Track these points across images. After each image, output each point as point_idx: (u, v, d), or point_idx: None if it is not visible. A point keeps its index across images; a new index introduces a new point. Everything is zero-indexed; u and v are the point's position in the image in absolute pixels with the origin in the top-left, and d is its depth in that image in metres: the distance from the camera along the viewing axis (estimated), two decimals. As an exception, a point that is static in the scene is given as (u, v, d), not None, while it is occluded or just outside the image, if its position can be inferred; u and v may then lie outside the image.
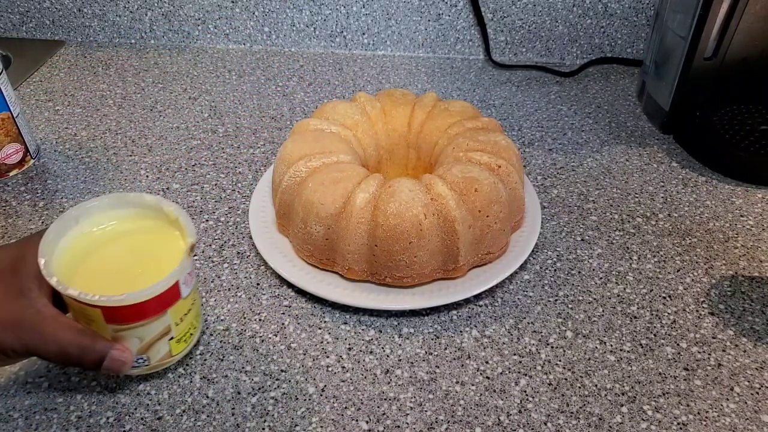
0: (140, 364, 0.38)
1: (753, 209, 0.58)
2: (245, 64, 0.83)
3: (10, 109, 0.60)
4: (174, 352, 0.40)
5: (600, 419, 0.40)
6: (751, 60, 0.64)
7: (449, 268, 0.47)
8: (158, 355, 0.39)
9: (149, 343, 0.38)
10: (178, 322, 0.39)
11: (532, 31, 0.83)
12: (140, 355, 0.38)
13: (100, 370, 0.36)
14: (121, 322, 0.36)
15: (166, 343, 0.39)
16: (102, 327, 0.36)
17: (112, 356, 0.36)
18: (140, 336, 0.37)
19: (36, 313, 0.35)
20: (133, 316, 0.36)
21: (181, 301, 0.38)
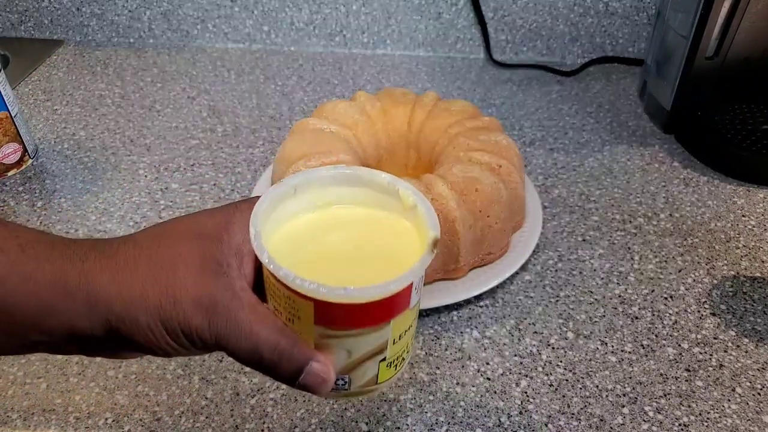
0: (338, 387, 0.30)
1: (755, 209, 0.57)
2: (244, 64, 0.83)
3: (8, 109, 0.59)
4: (381, 378, 0.31)
5: (601, 420, 0.39)
6: (753, 59, 0.63)
7: (450, 269, 0.47)
8: (363, 379, 0.31)
9: (358, 361, 0.30)
10: (396, 340, 0.30)
11: (532, 30, 0.83)
12: (342, 374, 0.30)
13: (293, 384, 0.29)
14: (333, 325, 0.28)
15: (376, 364, 0.30)
16: (307, 328, 0.28)
17: (312, 370, 0.28)
18: (350, 349, 0.29)
19: (233, 297, 0.28)
20: (352, 319, 0.28)
21: (407, 312, 0.30)
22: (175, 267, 0.28)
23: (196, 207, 0.58)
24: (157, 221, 0.56)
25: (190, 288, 0.27)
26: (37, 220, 0.56)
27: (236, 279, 0.28)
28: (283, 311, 0.29)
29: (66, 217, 0.57)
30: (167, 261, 0.28)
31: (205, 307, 0.27)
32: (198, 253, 0.28)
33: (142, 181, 0.61)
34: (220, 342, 0.28)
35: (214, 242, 0.29)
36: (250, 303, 0.28)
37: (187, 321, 0.27)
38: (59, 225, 0.56)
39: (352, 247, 0.32)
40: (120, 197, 0.59)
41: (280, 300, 0.28)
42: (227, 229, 0.29)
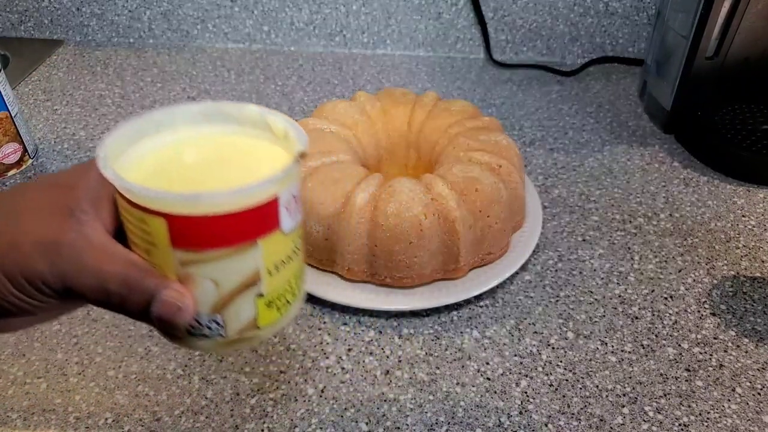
0: (213, 332, 0.27)
1: (755, 209, 0.57)
2: (244, 64, 0.83)
3: (8, 109, 0.59)
4: (261, 321, 0.28)
5: (601, 420, 0.39)
6: (753, 59, 0.63)
7: (449, 269, 0.47)
8: (239, 321, 0.27)
9: (228, 295, 0.26)
10: (272, 271, 0.27)
11: (532, 30, 0.83)
12: (214, 314, 0.26)
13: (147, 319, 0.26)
14: (191, 246, 0.25)
15: (252, 301, 0.27)
16: (165, 256, 0.25)
17: (163, 297, 0.25)
18: (216, 278, 0.26)
19: (80, 237, 0.26)
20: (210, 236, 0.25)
21: (279, 236, 0.26)
22: (19, 214, 0.26)
23: (196, 207, 0.58)
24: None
25: (32, 232, 0.26)
26: (37, 220, 0.56)
27: (88, 222, 0.26)
28: (139, 242, 0.26)
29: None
30: (14, 209, 0.27)
31: (46, 248, 0.26)
32: (47, 199, 0.27)
33: (142, 181, 0.61)
34: (66, 283, 0.26)
35: (66, 189, 0.27)
36: (100, 242, 0.26)
37: (28, 266, 0.26)
38: (59, 225, 0.56)
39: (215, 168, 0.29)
40: (120, 197, 0.59)
41: (134, 229, 0.26)
42: (84, 176, 0.27)
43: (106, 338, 0.45)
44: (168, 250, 0.25)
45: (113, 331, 0.45)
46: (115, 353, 0.44)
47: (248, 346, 0.30)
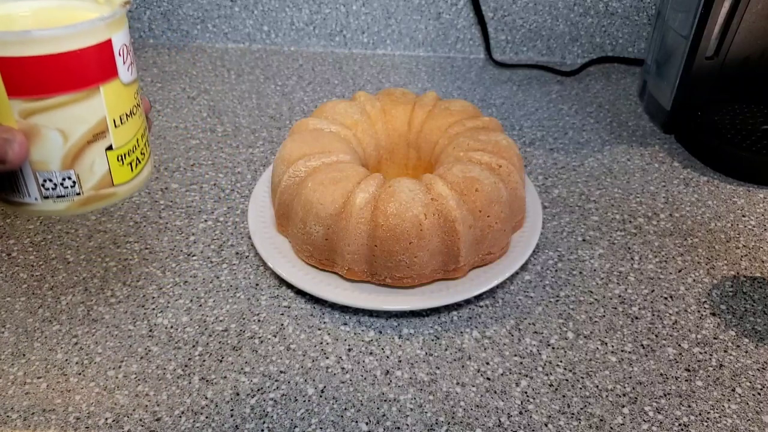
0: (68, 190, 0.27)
1: (755, 209, 0.57)
2: (244, 63, 0.83)
3: (8, 109, 0.59)
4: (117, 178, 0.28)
5: (601, 420, 0.39)
6: (753, 59, 0.63)
7: (449, 269, 0.47)
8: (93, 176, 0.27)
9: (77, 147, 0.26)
10: (118, 123, 0.28)
11: (532, 30, 0.83)
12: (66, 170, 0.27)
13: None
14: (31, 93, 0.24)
15: (103, 155, 0.27)
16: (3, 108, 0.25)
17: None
18: (62, 128, 0.26)
19: None
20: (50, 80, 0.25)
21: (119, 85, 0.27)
22: None
23: (196, 207, 0.58)
24: (157, 221, 0.56)
25: None
26: (37, 219, 0.56)
27: None
28: None
29: (66, 217, 0.57)
30: None
31: None
32: None
33: (142, 181, 0.61)
34: None
35: None
36: None
37: None
38: (59, 225, 0.56)
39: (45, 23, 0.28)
40: (120, 197, 0.59)
41: None
42: None
43: (106, 338, 0.45)
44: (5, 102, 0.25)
45: (113, 331, 0.45)
46: (115, 353, 0.44)
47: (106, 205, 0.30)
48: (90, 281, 0.50)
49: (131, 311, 0.47)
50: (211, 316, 0.47)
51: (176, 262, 0.52)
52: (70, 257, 0.52)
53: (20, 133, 0.25)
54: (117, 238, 0.54)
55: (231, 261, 0.52)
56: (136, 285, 0.49)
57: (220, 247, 0.53)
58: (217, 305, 0.48)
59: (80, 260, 0.52)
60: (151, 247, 0.53)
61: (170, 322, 0.46)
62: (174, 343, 0.45)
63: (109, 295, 0.49)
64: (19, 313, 0.47)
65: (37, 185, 0.27)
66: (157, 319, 0.46)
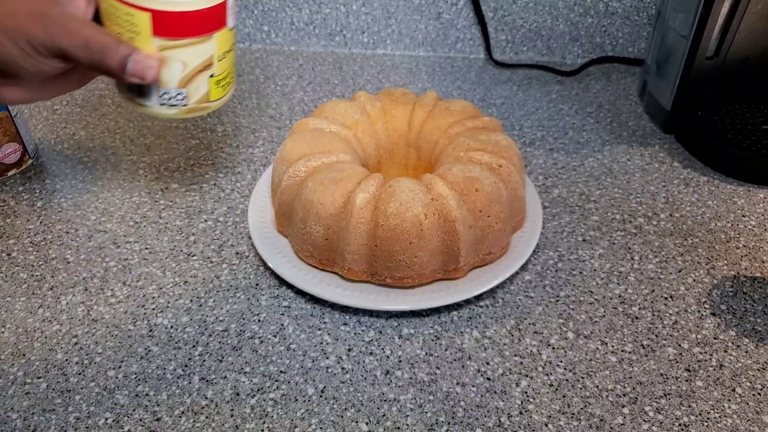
0: (178, 102, 0.38)
1: (755, 209, 0.57)
2: (244, 63, 0.83)
3: (8, 109, 0.59)
4: (212, 96, 0.39)
5: (601, 420, 0.39)
6: (753, 59, 0.63)
7: (450, 269, 0.47)
8: (197, 94, 0.38)
9: (191, 74, 0.37)
10: (221, 57, 0.38)
11: (533, 30, 0.83)
12: (180, 88, 0.37)
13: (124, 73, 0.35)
14: (169, 34, 0.35)
15: (207, 80, 0.38)
16: (146, 41, 0.35)
17: (136, 57, 0.35)
18: (184, 60, 0.36)
19: (63, 13, 0.34)
20: (183, 28, 0.35)
21: (226, 31, 0.38)
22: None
23: (196, 207, 0.58)
24: (157, 221, 0.56)
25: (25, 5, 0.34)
26: (37, 219, 0.56)
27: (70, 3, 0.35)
28: (124, 32, 0.35)
29: (66, 217, 0.57)
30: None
31: (38, 17, 0.34)
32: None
33: (142, 180, 0.61)
34: (57, 43, 0.34)
35: None
36: (80, 18, 0.35)
37: (27, 30, 0.34)
38: (59, 225, 0.56)
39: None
40: (120, 197, 0.59)
41: (120, 21, 0.35)
42: None
43: (106, 338, 0.45)
44: (149, 38, 0.35)
45: (113, 331, 0.45)
46: (115, 353, 0.44)
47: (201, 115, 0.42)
48: (90, 281, 0.50)
49: (131, 311, 0.47)
50: (211, 316, 0.47)
51: (176, 262, 0.52)
52: (70, 257, 0.52)
53: (156, 60, 0.35)
54: (117, 238, 0.54)
55: (231, 261, 0.52)
56: (136, 285, 0.49)
57: (220, 247, 0.53)
58: (217, 305, 0.48)
59: (80, 260, 0.52)
60: (151, 247, 0.53)
61: (170, 322, 0.46)
62: (174, 343, 0.45)
63: (109, 295, 0.49)
64: (19, 313, 0.47)
65: (158, 96, 0.38)
66: (157, 319, 0.46)
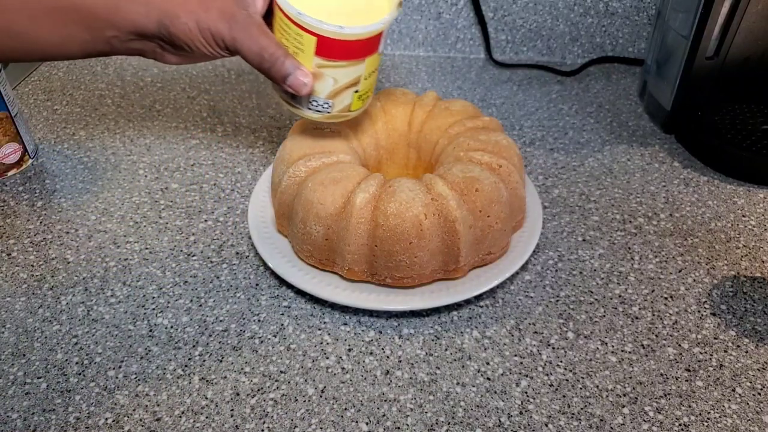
0: (323, 109, 0.45)
1: (755, 209, 0.57)
2: (244, 63, 0.83)
3: (8, 109, 0.59)
4: (353, 107, 0.45)
5: (601, 420, 0.39)
6: (753, 59, 0.63)
7: (450, 269, 0.47)
8: (341, 105, 0.44)
9: (339, 89, 0.43)
10: (367, 77, 0.44)
11: (533, 30, 0.83)
12: (328, 99, 0.44)
13: (284, 83, 0.42)
14: (328, 56, 0.41)
15: (351, 95, 0.44)
16: (308, 59, 0.41)
17: (297, 74, 0.42)
18: (336, 77, 0.42)
19: (248, 17, 0.41)
20: (342, 53, 0.41)
21: (376, 55, 0.43)
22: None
23: (196, 207, 0.58)
24: (157, 221, 0.56)
25: (218, 3, 0.41)
26: (37, 219, 0.56)
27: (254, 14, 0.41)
28: (289, 45, 0.41)
29: (66, 217, 0.57)
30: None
31: (227, 17, 0.40)
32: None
33: (142, 181, 0.61)
34: (236, 44, 0.41)
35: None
36: (260, 24, 0.41)
37: (214, 25, 0.40)
38: (59, 225, 0.56)
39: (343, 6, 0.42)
40: (120, 197, 0.59)
41: (288, 36, 0.41)
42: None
43: (106, 338, 0.45)
44: (311, 56, 0.41)
45: (113, 331, 0.45)
46: (115, 353, 0.44)
47: (341, 121, 0.47)
48: (90, 281, 0.50)
49: (131, 311, 0.47)
50: (211, 316, 0.47)
51: (176, 262, 0.52)
52: (70, 257, 0.52)
53: (311, 77, 0.42)
54: (117, 238, 0.54)
55: (231, 261, 0.52)
56: (136, 285, 0.49)
57: (220, 248, 0.53)
58: (217, 305, 0.48)
59: (80, 260, 0.52)
60: (151, 247, 0.53)
61: (170, 322, 0.46)
62: (174, 343, 0.45)
63: (109, 295, 0.49)
64: (19, 313, 0.47)
65: (307, 102, 0.44)
66: (157, 319, 0.46)
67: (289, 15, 0.39)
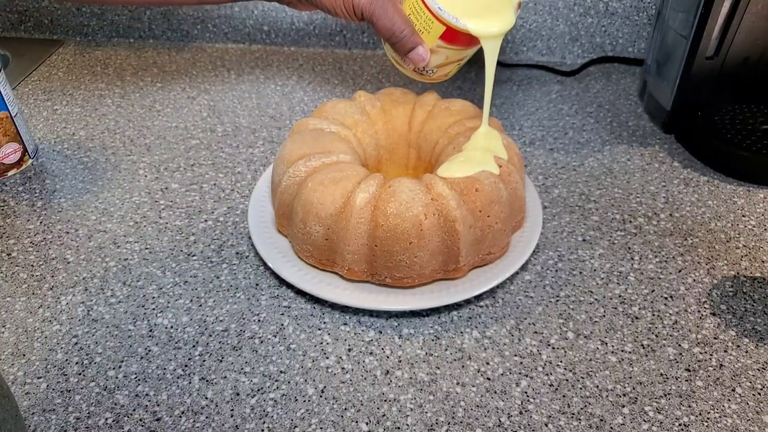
0: (428, 74, 0.53)
1: (755, 209, 0.57)
2: (244, 63, 0.83)
3: (8, 109, 0.59)
4: (449, 75, 0.55)
5: (601, 420, 0.39)
6: (753, 59, 0.63)
7: (450, 269, 0.47)
8: (442, 72, 0.53)
9: (447, 62, 0.52)
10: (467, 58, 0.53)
11: (532, 30, 0.83)
12: (435, 69, 0.52)
13: (406, 54, 0.50)
14: (450, 42, 0.49)
15: (454, 67, 0.54)
16: (433, 38, 0.49)
17: (419, 50, 0.50)
18: (448, 55, 0.51)
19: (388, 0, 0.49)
20: (458, 40, 0.49)
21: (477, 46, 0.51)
22: None
23: (196, 207, 0.58)
24: (157, 221, 0.56)
25: None
26: (37, 219, 0.56)
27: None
28: (417, 24, 0.49)
29: (66, 217, 0.57)
30: None
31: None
32: None
33: (142, 181, 0.61)
34: (373, 17, 0.49)
35: None
36: (396, 5, 0.49)
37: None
38: (59, 225, 0.56)
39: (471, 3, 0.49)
40: (120, 197, 0.59)
41: (420, 18, 0.49)
42: None
43: (106, 338, 0.45)
44: (435, 38, 0.49)
45: (113, 331, 0.46)
46: (115, 353, 0.44)
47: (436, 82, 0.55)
48: (90, 281, 0.50)
49: (131, 311, 0.47)
50: (211, 316, 0.47)
51: (176, 262, 0.52)
52: (70, 257, 0.52)
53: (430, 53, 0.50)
54: (117, 238, 0.54)
55: (231, 261, 0.52)
56: (136, 285, 0.49)
57: (220, 247, 0.53)
58: (217, 305, 0.48)
59: (80, 260, 0.52)
60: (151, 247, 0.53)
61: (170, 322, 0.46)
62: (174, 343, 0.45)
63: (109, 295, 0.49)
64: (19, 313, 0.47)
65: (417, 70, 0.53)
66: (157, 319, 0.46)
67: (429, 7, 0.47)
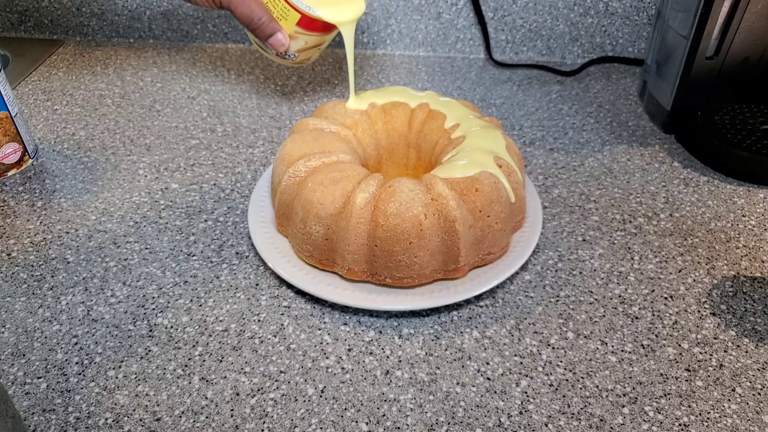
0: (290, 58, 0.61)
1: (755, 209, 0.57)
2: (244, 63, 0.83)
3: (8, 109, 0.59)
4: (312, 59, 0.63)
5: (601, 420, 0.39)
6: (753, 59, 0.63)
7: (450, 269, 0.47)
8: (303, 57, 0.61)
9: (307, 48, 0.60)
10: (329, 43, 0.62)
11: (533, 30, 0.83)
12: (296, 53, 0.60)
13: (266, 40, 0.57)
14: (306, 28, 0.56)
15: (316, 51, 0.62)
16: (289, 25, 0.56)
17: (278, 36, 0.57)
18: (306, 40, 0.58)
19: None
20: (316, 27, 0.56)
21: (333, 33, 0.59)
22: None
23: (196, 207, 0.58)
24: (157, 221, 0.56)
25: None
26: (37, 219, 0.56)
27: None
28: (275, 11, 0.56)
29: (66, 217, 0.57)
30: None
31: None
32: None
33: (142, 181, 0.61)
34: (230, 5, 0.55)
35: None
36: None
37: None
38: (59, 225, 0.56)
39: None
40: (120, 197, 0.59)
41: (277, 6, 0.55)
42: None
43: (106, 338, 0.45)
44: (293, 24, 0.56)
45: (113, 331, 0.46)
46: (115, 353, 0.44)
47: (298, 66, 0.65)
48: (90, 281, 0.50)
49: (131, 311, 0.47)
50: (211, 316, 0.47)
51: (176, 262, 0.52)
52: (70, 257, 0.52)
53: (288, 39, 0.57)
54: (117, 238, 0.54)
55: (231, 261, 0.52)
56: (136, 285, 0.50)
57: (220, 248, 0.53)
58: (217, 305, 0.48)
59: (80, 260, 0.52)
60: (151, 247, 0.53)
61: (170, 322, 0.46)
62: (174, 343, 0.45)
63: (109, 295, 0.49)
64: (19, 313, 0.47)
65: (280, 54, 0.60)
66: (157, 319, 0.46)
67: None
